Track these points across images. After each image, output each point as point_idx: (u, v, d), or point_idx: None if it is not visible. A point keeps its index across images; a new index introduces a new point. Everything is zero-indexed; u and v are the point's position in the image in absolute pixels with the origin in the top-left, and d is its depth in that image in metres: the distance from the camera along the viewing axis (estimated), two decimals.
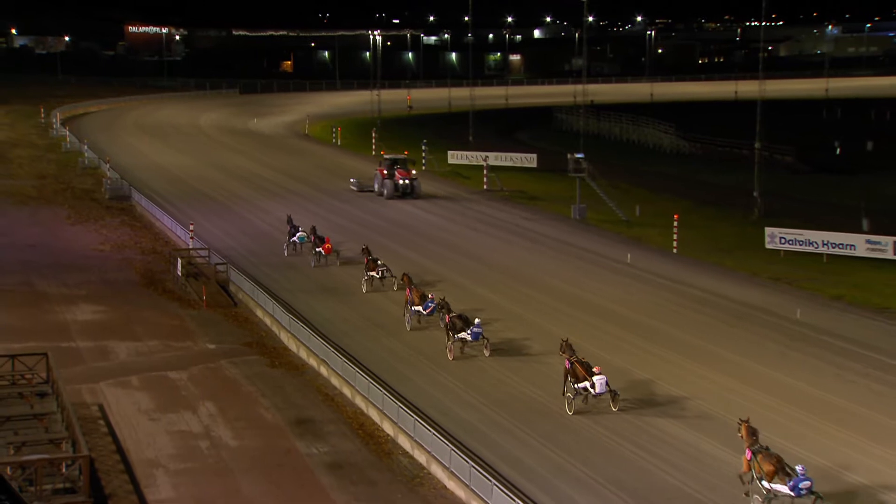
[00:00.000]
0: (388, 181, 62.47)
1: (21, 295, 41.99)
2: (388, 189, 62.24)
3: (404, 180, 62.44)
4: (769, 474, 22.45)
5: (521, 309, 39.32)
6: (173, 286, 43.94)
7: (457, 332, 32.94)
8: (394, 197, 61.83)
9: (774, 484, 22.36)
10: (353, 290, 41.50)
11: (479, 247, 50.69)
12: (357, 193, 64.19)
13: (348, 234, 51.79)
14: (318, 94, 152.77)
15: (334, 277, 43.92)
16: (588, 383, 28.44)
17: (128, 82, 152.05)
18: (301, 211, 56.18)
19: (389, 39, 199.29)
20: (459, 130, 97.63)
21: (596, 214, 58.17)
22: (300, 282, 43.37)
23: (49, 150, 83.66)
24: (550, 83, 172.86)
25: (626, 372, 32.27)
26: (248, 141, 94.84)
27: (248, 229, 53.89)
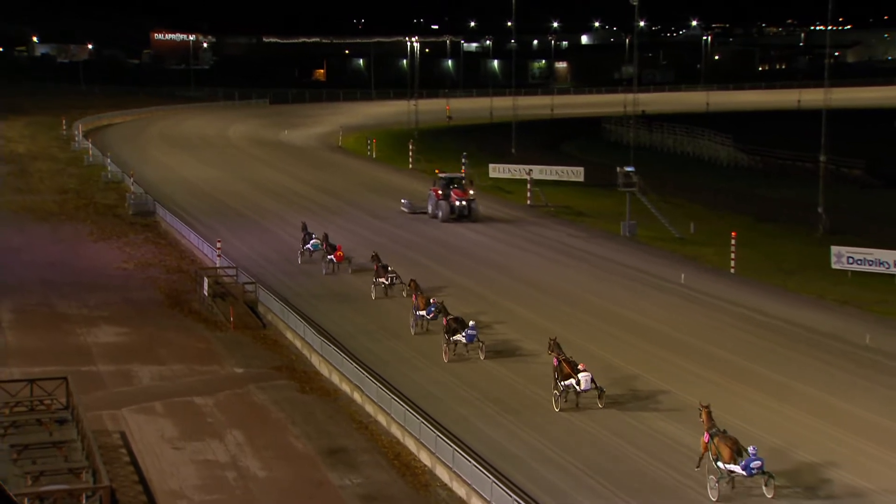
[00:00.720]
0: (443, 202, 60.67)
1: (40, 315, 42.54)
2: (442, 211, 60.52)
3: (461, 201, 60.55)
4: (725, 456, 25.21)
5: (567, 331, 39.09)
6: (199, 307, 44.30)
7: (452, 335, 35.61)
8: (449, 220, 60.13)
9: (729, 465, 25.19)
10: (363, 296, 44.02)
11: (522, 265, 50.58)
12: (408, 216, 62.51)
13: (393, 255, 50.53)
14: (353, 103, 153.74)
15: (346, 284, 46.41)
16: (574, 380, 30.74)
17: (153, 92, 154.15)
18: (340, 231, 55.99)
19: (428, 46, 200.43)
20: (501, 142, 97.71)
21: (647, 232, 57.85)
22: (312, 288, 46.12)
23: (71, 164, 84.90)
24: (599, 92, 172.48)
25: (679, 399, 31.98)
26: (278, 153, 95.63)
27: (278, 247, 54.21)
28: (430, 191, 62.67)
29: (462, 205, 60.51)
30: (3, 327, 40.82)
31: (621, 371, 34.69)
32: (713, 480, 25.43)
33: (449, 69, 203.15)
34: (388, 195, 70.85)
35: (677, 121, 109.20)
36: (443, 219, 60.30)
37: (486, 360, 35.70)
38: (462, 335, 35.65)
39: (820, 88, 63.68)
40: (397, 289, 43.79)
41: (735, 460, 25.28)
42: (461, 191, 61.20)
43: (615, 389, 32.69)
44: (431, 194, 61.99)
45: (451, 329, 35.83)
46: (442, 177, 62.76)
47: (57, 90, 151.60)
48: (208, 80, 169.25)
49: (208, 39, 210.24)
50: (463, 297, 44.03)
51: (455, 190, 61.07)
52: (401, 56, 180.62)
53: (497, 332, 39.05)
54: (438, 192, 61.26)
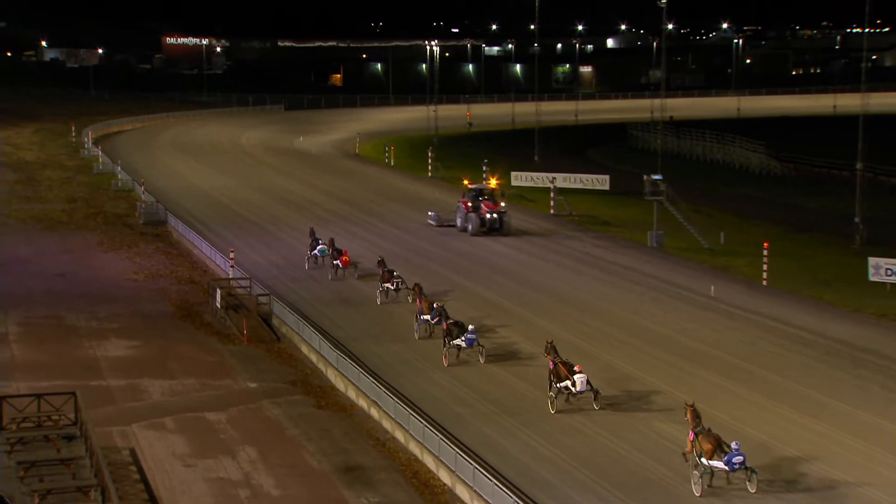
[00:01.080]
0: (472, 215, 59.43)
1: (48, 328, 42.79)
2: (472, 224, 59.33)
3: (492, 214, 59.35)
4: (708, 452, 26.92)
5: (592, 346, 39.05)
6: (212, 319, 44.45)
7: (453, 339, 37.00)
8: (479, 233, 59.10)
9: (712, 461, 26.82)
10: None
11: (545, 276, 50.53)
12: (435, 229, 61.53)
13: (420, 270, 50.62)
14: (370, 109, 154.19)
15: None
16: (569, 381, 32.11)
17: (165, 98, 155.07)
18: (364, 245, 55.93)
19: (448, 50, 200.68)
20: (524, 149, 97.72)
21: (675, 242, 57.69)
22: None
23: (80, 172, 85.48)
24: (625, 97, 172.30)
25: (710, 417, 31.81)
26: (293, 161, 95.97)
27: (293, 257, 54.33)
28: (458, 203, 61.43)
29: (493, 217, 59.31)
30: (9, 340, 41.06)
31: (648, 386, 34.57)
32: (696, 476, 26.94)
33: (469, 74, 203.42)
34: (408, 204, 70.98)
35: (707, 127, 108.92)
36: (472, 232, 59.19)
37: (488, 365, 36.86)
38: (462, 339, 36.98)
39: (856, 93, 63.51)
40: (403, 294, 45.11)
41: (717, 456, 26.85)
42: (492, 203, 59.98)
43: (642, 404, 32.56)
44: (460, 206, 60.71)
45: (451, 333, 37.20)
46: (471, 188, 61.51)
47: (66, 96, 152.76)
48: (221, 85, 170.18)
49: (221, 43, 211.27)
50: (488, 311, 44.02)
51: (485, 202, 59.89)
52: (420, 60, 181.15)
53: (520, 346, 38.98)
54: (468, 205, 60.06)
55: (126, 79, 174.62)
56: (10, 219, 64.97)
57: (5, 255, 55.30)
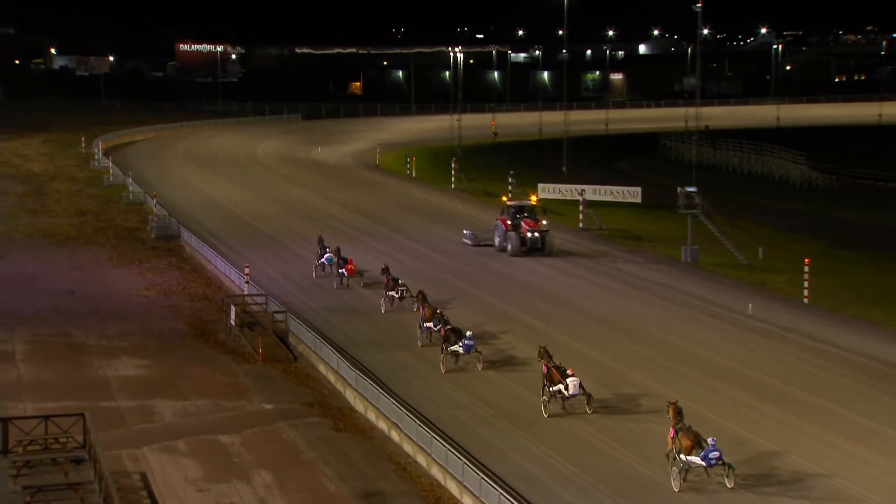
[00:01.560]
0: (512, 234, 58.31)
1: (56, 347, 43.05)
2: (512, 244, 58.16)
3: (533, 233, 58.19)
4: (686, 448, 28.66)
5: (623, 366, 38.95)
6: (226, 337, 44.63)
7: (450, 345, 38.62)
8: (519, 253, 58.01)
9: (690, 457, 28.55)
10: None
11: (573, 293, 50.45)
12: (471, 248, 60.33)
13: (452, 291, 50.65)
14: (391, 119, 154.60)
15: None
16: (562, 385, 33.72)
17: (178, 107, 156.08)
18: (394, 264, 56.00)
19: (472, 57, 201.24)
20: (552, 160, 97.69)
21: (711, 258, 57.50)
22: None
23: (90, 184, 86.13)
24: (658, 106, 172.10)
25: (747, 442, 31.67)
26: (311, 173, 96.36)
27: (324, 282, 54.22)
28: (496, 221, 60.31)
29: (534, 237, 58.14)
30: (16, 359, 41.35)
31: (685, 411, 34.34)
32: (675, 472, 28.70)
33: (495, 81, 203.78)
34: (432, 218, 71.09)
35: (744, 137, 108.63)
36: (512, 252, 58.06)
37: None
38: (459, 345, 38.60)
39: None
40: (407, 302, 46.43)
41: (696, 452, 28.58)
42: (532, 221, 58.82)
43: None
44: (498, 224, 59.57)
45: (449, 339, 38.85)
46: (510, 205, 60.30)
47: (76, 105, 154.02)
48: (237, 93, 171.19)
49: (237, 50, 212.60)
50: (509, 326, 44.01)
51: (525, 220, 58.74)
52: (443, 67, 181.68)
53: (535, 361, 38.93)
54: (507, 223, 58.89)
55: (138, 87, 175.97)
56: (17, 233, 65.47)
57: (12, 271, 55.73)
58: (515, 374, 38.21)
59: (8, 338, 43.79)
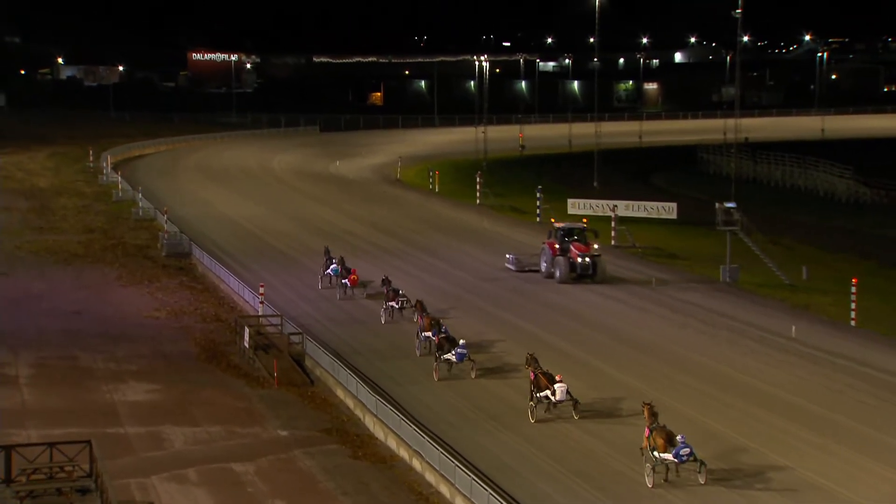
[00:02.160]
0: (560, 259, 56.80)
1: (62, 370, 43.26)
2: (560, 270, 56.60)
3: (583, 258, 56.61)
4: (660, 446, 31.04)
5: (658, 392, 38.75)
6: (239, 360, 44.74)
7: (444, 354, 40.75)
8: (568, 280, 56.62)
9: (663, 454, 30.92)
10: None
11: (601, 313, 50.33)
12: (515, 273, 59.08)
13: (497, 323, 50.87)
14: (413, 131, 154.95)
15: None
16: (549, 391, 35.77)
17: (190, 118, 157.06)
18: (413, 282, 56.17)
19: (498, 66, 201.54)
20: (582, 174, 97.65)
21: (751, 277, 57.28)
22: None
23: (98, 200, 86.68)
24: (695, 117, 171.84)
25: (789, 471, 31.47)
26: (329, 187, 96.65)
27: (328, 293, 54.61)
28: (543, 244, 58.92)
29: (585, 262, 56.52)
30: (20, 384, 41.57)
31: (725, 441, 34.22)
32: (649, 468, 30.97)
33: (522, 92, 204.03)
34: (455, 235, 71.18)
35: (787, 149, 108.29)
36: (561, 279, 56.58)
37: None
38: (452, 354, 40.70)
39: None
40: (409, 312, 48.28)
41: (669, 450, 30.87)
42: (583, 244, 57.21)
43: (719, 463, 32.21)
44: (545, 248, 58.14)
45: (443, 347, 41.04)
46: (559, 227, 58.56)
47: (84, 117, 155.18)
48: (251, 104, 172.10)
49: (252, 59, 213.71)
50: (538, 349, 44.00)
51: (575, 243, 57.11)
52: (468, 77, 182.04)
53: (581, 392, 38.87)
54: (555, 247, 57.47)
55: (148, 98, 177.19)
56: (21, 251, 65.91)
57: (16, 291, 56.07)
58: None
59: (12, 361, 44.04)
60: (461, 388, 39.65)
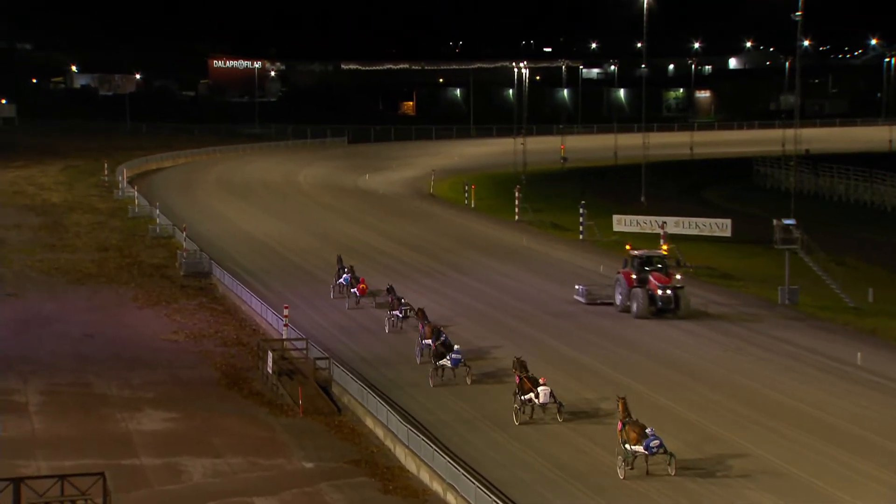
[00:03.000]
0: (638, 291, 54.15)
1: (74, 397, 43.47)
2: (638, 303, 54.02)
3: (665, 290, 54.12)
4: (633, 439, 33.92)
5: (709, 421, 38.54)
6: (262, 387, 44.84)
7: (439, 360, 43.52)
8: (647, 315, 53.91)
9: (635, 447, 33.84)
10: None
11: (649, 336, 49.97)
12: (584, 306, 56.70)
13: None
14: (447, 142, 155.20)
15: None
16: (532, 394, 38.32)
17: (211, 129, 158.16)
18: (449, 303, 56.08)
19: (539, 73, 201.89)
20: (628, 189, 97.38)
21: (812, 299, 56.93)
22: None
23: (113, 216, 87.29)
24: (750, 127, 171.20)
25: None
26: (358, 203, 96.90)
27: (358, 316, 54.64)
28: (617, 274, 56.33)
29: (666, 294, 53.83)
30: (30, 412, 41.79)
31: (788, 476, 33.93)
32: (620, 460, 33.88)
33: (564, 100, 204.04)
34: (492, 253, 71.06)
35: (851, 162, 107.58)
36: (638, 313, 53.87)
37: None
38: (447, 359, 43.37)
39: None
40: (413, 321, 50.11)
41: (640, 443, 33.70)
42: (663, 274, 54.71)
43: (769, 491, 31.89)
44: (620, 279, 55.50)
45: (438, 354, 43.79)
46: (636, 255, 55.84)
47: (98, 128, 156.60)
48: (276, 114, 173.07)
49: (276, 67, 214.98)
50: (583, 378, 43.84)
51: (655, 273, 54.49)
52: (506, 85, 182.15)
53: (599, 407, 38.66)
54: (631, 277, 54.87)
55: (166, 108, 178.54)
56: (32, 270, 66.43)
57: (27, 313, 56.47)
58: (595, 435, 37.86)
59: (21, 387, 44.32)
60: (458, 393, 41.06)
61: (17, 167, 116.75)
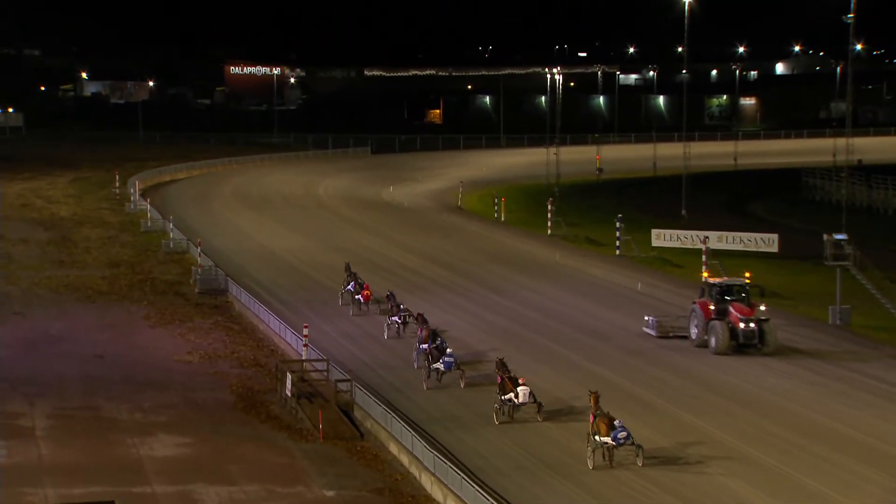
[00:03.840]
0: (716, 323, 51.33)
1: (84, 422, 43.59)
2: (717, 337, 51.07)
3: (747, 323, 51.03)
4: (602, 431, 37.14)
5: (758, 451, 38.29)
6: (280, 411, 44.87)
7: (433, 363, 46.14)
8: (728, 351, 50.95)
9: (604, 438, 37.10)
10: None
11: (733, 377, 48.44)
12: (655, 340, 53.82)
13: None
14: (476, 152, 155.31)
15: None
16: (512, 394, 41.13)
17: (227, 139, 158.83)
18: (483, 324, 56.12)
19: (573, 79, 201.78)
20: (668, 201, 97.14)
21: (865, 319, 56.66)
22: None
23: (124, 230, 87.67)
24: (799, 136, 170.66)
25: None
26: (381, 216, 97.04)
27: (386, 339, 54.55)
28: (692, 304, 53.55)
29: (749, 328, 50.99)
30: (36, 436, 41.91)
31: (822, 496, 33.71)
32: (590, 451, 37.17)
33: (600, 108, 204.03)
34: (527, 271, 70.93)
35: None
36: (717, 349, 50.99)
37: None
38: (440, 363, 46.04)
39: None
40: (413, 327, 52.37)
41: (610, 434, 36.84)
42: (746, 306, 51.80)
43: None
44: (696, 310, 52.64)
45: (433, 356, 46.38)
46: (714, 283, 53.24)
47: (109, 138, 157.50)
48: (295, 123, 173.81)
49: (296, 73, 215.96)
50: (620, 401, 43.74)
51: (736, 304, 51.67)
52: (538, 92, 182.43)
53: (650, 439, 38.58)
54: (709, 308, 52.23)
55: (181, 117, 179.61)
56: (40, 287, 66.76)
57: (34, 333, 56.72)
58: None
59: (27, 411, 44.48)
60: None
61: (24, 179, 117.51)
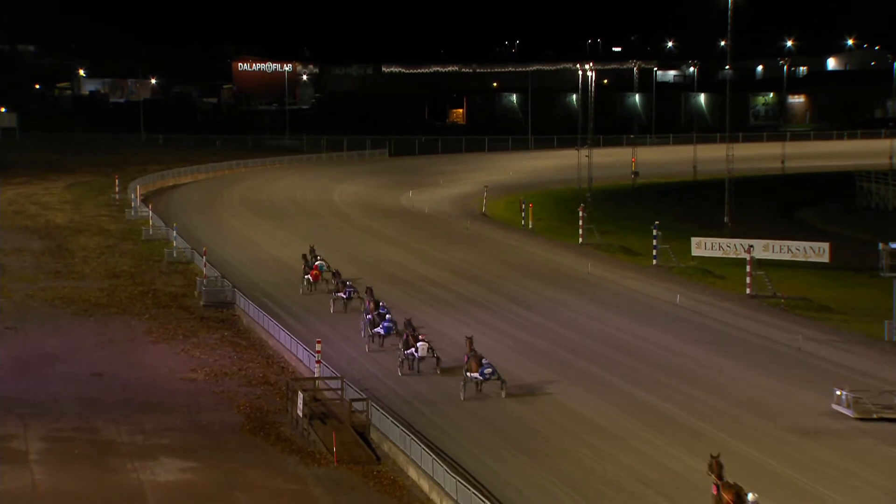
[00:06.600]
0: None
1: (81, 445, 43.66)
2: None
3: None
4: (472, 368, 46.96)
5: (810, 481, 38.20)
6: (291, 433, 44.91)
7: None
8: None
9: (473, 373, 46.95)
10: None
11: (735, 380, 49.62)
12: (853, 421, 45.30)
13: None
14: (502, 155, 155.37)
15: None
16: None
17: (235, 141, 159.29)
18: (517, 344, 56.17)
19: (607, 76, 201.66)
20: (709, 208, 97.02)
21: None
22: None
23: (124, 238, 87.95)
24: (852, 137, 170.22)
25: None
26: (400, 224, 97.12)
27: (396, 351, 54.69)
28: None
29: None
30: (30, 461, 41.97)
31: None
32: (461, 385, 47.00)
33: (636, 107, 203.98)
34: (557, 283, 70.88)
35: None
36: None
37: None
38: (380, 328, 54.24)
39: None
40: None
41: (478, 370, 46.74)
42: None
43: None
44: None
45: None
46: None
47: (109, 140, 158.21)
48: (308, 124, 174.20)
49: (309, 70, 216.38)
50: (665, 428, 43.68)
51: None
52: (569, 90, 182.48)
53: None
54: None
55: (186, 117, 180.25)
56: (34, 300, 66.96)
57: (27, 349, 56.79)
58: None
59: (20, 433, 44.56)
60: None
61: (17, 184, 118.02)
